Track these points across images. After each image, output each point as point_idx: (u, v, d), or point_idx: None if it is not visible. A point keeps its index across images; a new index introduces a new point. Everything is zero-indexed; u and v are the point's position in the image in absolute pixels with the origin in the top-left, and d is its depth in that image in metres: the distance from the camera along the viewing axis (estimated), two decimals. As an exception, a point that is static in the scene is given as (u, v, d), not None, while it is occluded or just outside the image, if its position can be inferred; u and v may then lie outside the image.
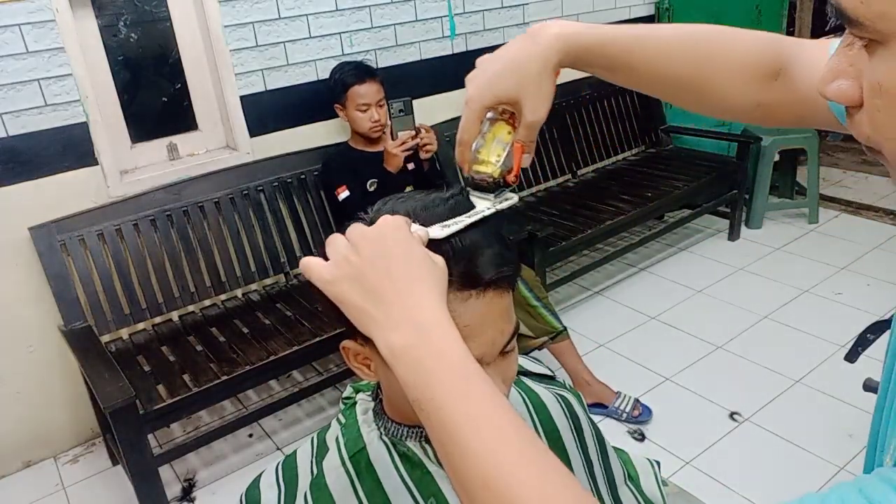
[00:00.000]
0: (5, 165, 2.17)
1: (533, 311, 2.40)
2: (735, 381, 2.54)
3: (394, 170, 2.41)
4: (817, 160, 3.58)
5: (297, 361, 2.36)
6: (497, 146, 0.73)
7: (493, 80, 0.71)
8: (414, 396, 0.53)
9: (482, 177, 0.72)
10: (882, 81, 0.43)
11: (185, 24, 2.50)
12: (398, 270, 0.56)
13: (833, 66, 0.48)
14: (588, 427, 0.90)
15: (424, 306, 0.55)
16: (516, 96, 0.70)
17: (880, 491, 0.41)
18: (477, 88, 0.71)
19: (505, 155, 0.73)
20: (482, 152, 0.73)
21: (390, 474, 0.75)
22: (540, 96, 0.71)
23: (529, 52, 0.70)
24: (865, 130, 0.47)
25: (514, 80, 0.70)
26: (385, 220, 0.59)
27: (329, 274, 0.58)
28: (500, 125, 0.74)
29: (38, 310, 2.31)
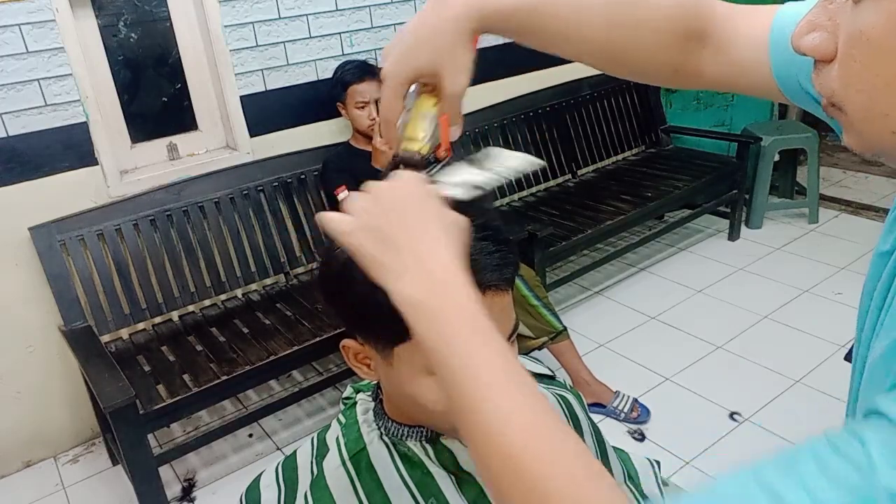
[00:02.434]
0: (5, 165, 2.17)
1: (533, 310, 2.40)
2: (735, 381, 2.54)
3: (382, 167, 2.40)
4: (817, 160, 3.58)
5: (297, 361, 2.36)
6: (423, 121, 0.69)
7: (407, 55, 0.68)
8: (426, 346, 0.53)
9: (410, 154, 0.68)
10: (864, 30, 0.43)
11: (185, 24, 2.50)
12: (414, 219, 0.56)
13: (811, 19, 0.48)
14: (588, 427, 0.90)
15: (440, 257, 0.54)
16: (433, 69, 0.68)
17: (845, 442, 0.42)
18: (393, 64, 0.69)
19: (432, 129, 0.69)
20: (408, 128, 0.70)
21: (391, 474, 0.75)
22: (457, 66, 0.68)
23: (439, 23, 0.67)
24: (832, 85, 0.47)
25: (427, 52, 0.67)
26: (402, 173, 0.59)
27: (346, 224, 0.57)
28: (424, 98, 0.70)
29: (38, 310, 2.31)
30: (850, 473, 0.40)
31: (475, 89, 3.36)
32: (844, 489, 0.40)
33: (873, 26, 0.42)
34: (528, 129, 3.30)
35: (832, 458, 0.42)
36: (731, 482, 0.45)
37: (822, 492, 0.40)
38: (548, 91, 3.36)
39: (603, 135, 3.58)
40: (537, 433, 0.49)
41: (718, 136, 3.71)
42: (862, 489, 0.40)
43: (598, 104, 3.56)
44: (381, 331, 0.68)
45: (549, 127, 3.36)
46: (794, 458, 0.43)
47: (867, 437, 0.41)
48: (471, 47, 0.69)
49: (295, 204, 2.68)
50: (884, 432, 0.41)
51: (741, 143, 3.46)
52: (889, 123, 0.45)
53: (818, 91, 0.49)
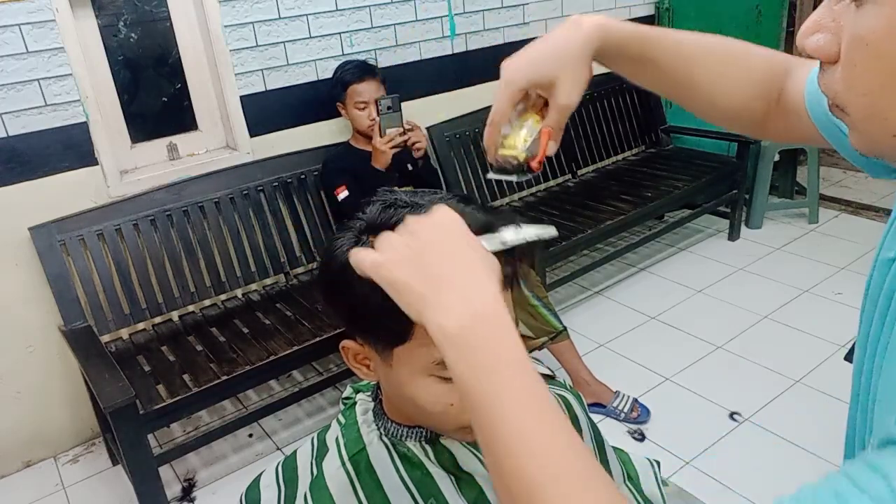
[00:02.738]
0: (5, 165, 2.17)
1: (533, 310, 2.40)
2: (735, 381, 2.54)
3: (382, 167, 2.41)
4: (817, 160, 3.58)
5: (297, 361, 2.36)
6: (524, 132, 0.74)
7: (532, 62, 0.72)
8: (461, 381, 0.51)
9: (507, 158, 0.72)
10: (865, 34, 0.43)
11: (185, 24, 2.50)
12: (461, 256, 0.55)
13: (815, 19, 0.48)
14: (587, 427, 0.90)
15: (486, 293, 0.53)
16: (553, 78, 0.72)
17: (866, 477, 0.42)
18: (514, 70, 0.73)
19: (531, 140, 0.73)
20: (509, 138, 0.74)
21: (390, 475, 0.75)
22: (576, 81, 0.72)
23: (571, 37, 0.72)
24: (836, 87, 0.47)
25: (553, 62, 0.72)
26: (442, 208, 0.58)
27: (381, 257, 0.56)
28: (529, 114, 0.75)
29: (38, 310, 2.31)
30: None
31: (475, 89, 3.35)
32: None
33: (873, 31, 0.43)
34: (528, 129, 3.29)
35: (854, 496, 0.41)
36: None
37: None
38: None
39: (603, 135, 3.58)
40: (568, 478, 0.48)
41: (718, 135, 3.70)
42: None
43: (598, 104, 3.56)
44: (380, 332, 0.68)
45: (549, 127, 3.35)
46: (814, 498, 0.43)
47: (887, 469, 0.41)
48: (590, 66, 0.74)
49: (295, 204, 2.68)
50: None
51: (741, 143, 3.46)
52: (889, 127, 0.45)
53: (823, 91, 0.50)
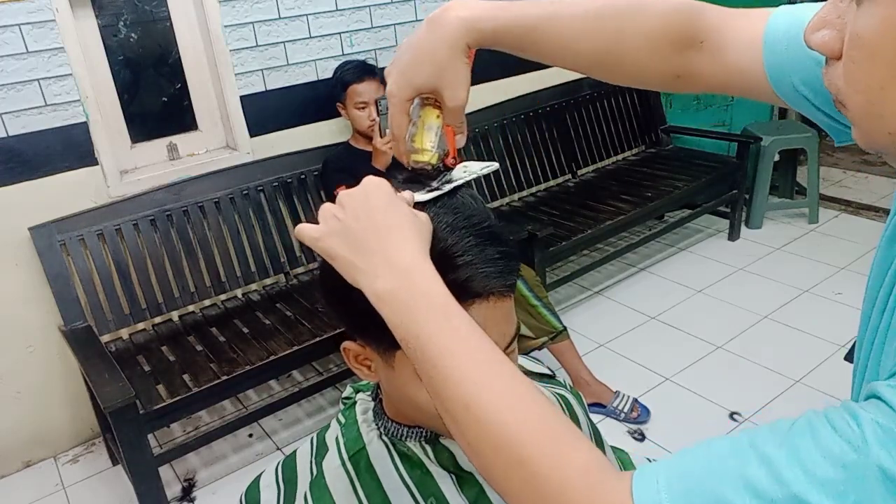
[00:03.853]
0: (5, 165, 2.17)
1: (533, 310, 2.40)
2: (735, 381, 2.54)
3: (382, 167, 2.41)
4: (817, 160, 3.58)
5: (297, 361, 2.36)
6: (429, 132, 0.73)
7: (406, 73, 0.71)
8: (400, 335, 0.56)
9: (420, 166, 0.73)
10: (861, 33, 0.44)
11: (185, 24, 2.50)
12: (380, 220, 0.59)
13: (822, 15, 0.49)
14: (587, 427, 0.90)
15: (406, 251, 0.57)
16: (433, 85, 0.71)
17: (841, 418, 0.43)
18: (394, 83, 0.72)
19: (438, 140, 0.73)
20: (416, 140, 0.73)
21: (390, 474, 0.75)
22: (456, 82, 0.71)
23: (434, 40, 0.70)
24: (838, 83, 0.48)
25: (426, 69, 0.70)
26: (368, 178, 0.62)
27: (317, 231, 0.61)
28: (428, 110, 0.74)
29: (38, 310, 2.31)
30: (843, 450, 0.42)
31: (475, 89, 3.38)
32: (837, 465, 0.41)
33: (869, 30, 0.43)
34: (528, 129, 3.30)
35: (827, 434, 0.43)
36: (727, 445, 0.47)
37: (815, 465, 0.42)
38: (548, 91, 3.36)
39: (603, 135, 3.58)
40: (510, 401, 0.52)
41: (718, 136, 3.71)
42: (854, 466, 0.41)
43: (598, 104, 3.56)
44: (382, 334, 0.68)
45: (549, 127, 3.36)
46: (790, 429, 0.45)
47: (862, 416, 0.43)
48: (467, 62, 0.71)
49: (295, 204, 2.68)
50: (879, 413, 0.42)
51: (741, 143, 3.46)
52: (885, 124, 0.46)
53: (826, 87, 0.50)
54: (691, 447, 0.48)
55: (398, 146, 0.74)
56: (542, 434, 0.50)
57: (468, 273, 0.64)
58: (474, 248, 0.64)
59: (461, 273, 0.63)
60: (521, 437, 0.50)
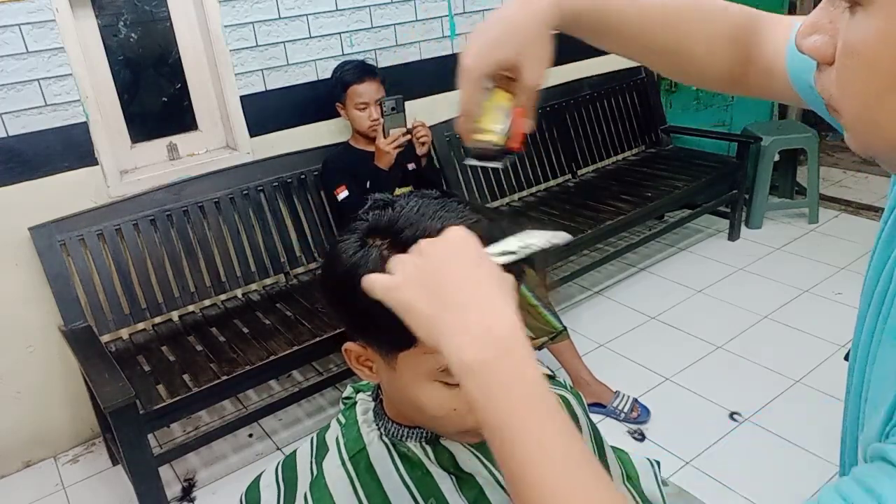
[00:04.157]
0: (5, 165, 2.17)
1: (533, 310, 2.40)
2: (735, 381, 2.54)
3: (385, 167, 2.41)
4: (817, 160, 3.58)
5: (297, 361, 2.36)
6: (497, 113, 0.71)
7: (491, 46, 0.69)
8: (484, 418, 0.50)
9: (484, 145, 0.70)
10: (855, 43, 0.44)
11: (185, 24, 2.50)
12: (473, 275, 0.53)
13: (813, 20, 0.49)
14: (587, 427, 0.90)
15: (506, 317, 0.51)
16: (515, 61, 0.69)
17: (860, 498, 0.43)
18: (474, 57, 0.69)
19: (506, 122, 0.71)
20: (482, 121, 0.71)
21: (390, 475, 0.75)
22: (539, 59, 0.70)
23: (525, 16, 0.69)
24: (831, 89, 0.48)
25: (512, 44, 0.69)
26: (453, 229, 0.57)
27: (393, 281, 0.54)
28: (498, 93, 0.72)
29: (38, 310, 2.31)
30: None
31: (475, 89, 3.35)
32: None
33: (864, 40, 0.43)
34: (528, 129, 3.29)
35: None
36: None
37: None
38: (548, 91, 3.35)
39: (603, 135, 3.58)
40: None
41: (718, 136, 3.71)
42: None
43: (598, 104, 3.55)
44: (385, 337, 0.68)
45: (549, 127, 3.36)
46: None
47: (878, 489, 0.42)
48: (551, 41, 0.70)
49: (295, 204, 2.68)
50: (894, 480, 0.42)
51: (741, 143, 3.46)
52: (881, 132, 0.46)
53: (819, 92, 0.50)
54: None
55: (465, 123, 0.71)
56: None
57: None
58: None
59: None
60: None
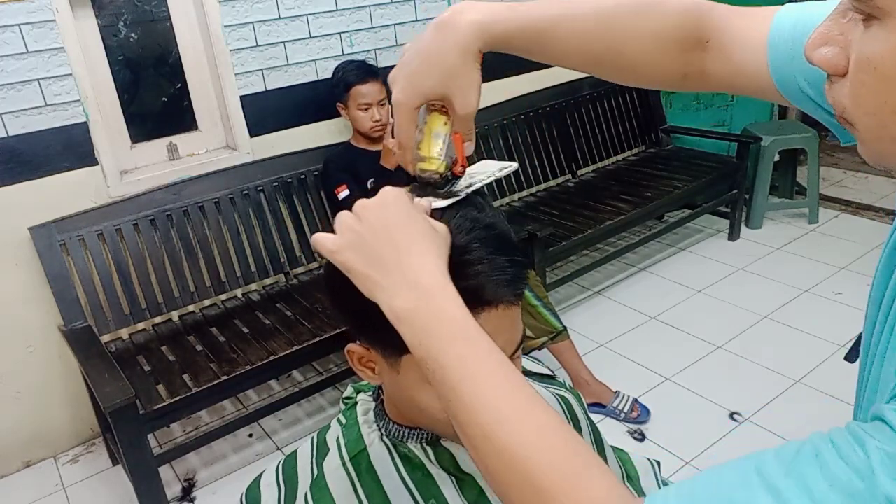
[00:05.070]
0: (5, 165, 2.17)
1: (533, 310, 2.40)
2: (735, 381, 2.54)
3: (391, 167, 2.41)
4: (817, 160, 3.58)
5: (297, 361, 2.36)
6: (436, 140, 0.71)
7: (414, 80, 0.68)
8: (419, 356, 0.55)
9: (429, 175, 0.70)
10: (872, 58, 0.43)
11: (185, 24, 2.50)
12: (398, 235, 0.58)
13: (823, 31, 0.48)
14: (586, 427, 0.90)
15: (425, 269, 0.57)
16: (443, 92, 0.68)
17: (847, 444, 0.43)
18: (401, 91, 0.69)
19: (446, 147, 0.70)
20: (422, 148, 0.71)
21: (391, 476, 0.75)
22: (467, 87, 0.68)
23: (446, 46, 0.67)
24: (844, 102, 0.47)
25: (435, 76, 0.67)
26: (386, 189, 0.61)
27: (334, 244, 0.60)
28: (435, 117, 0.71)
29: (38, 310, 2.31)
30: (851, 478, 0.41)
31: (475, 89, 3.36)
32: (845, 494, 0.41)
33: (881, 56, 0.42)
34: (528, 129, 3.30)
35: (834, 461, 0.43)
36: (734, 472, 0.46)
37: (823, 494, 0.41)
38: (548, 91, 3.36)
39: (603, 135, 3.58)
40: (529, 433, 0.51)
41: (718, 136, 3.71)
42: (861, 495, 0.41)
43: (598, 104, 3.56)
44: (387, 338, 0.67)
45: (549, 127, 3.36)
46: (797, 456, 0.45)
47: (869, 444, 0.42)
48: (477, 66, 0.69)
49: (295, 204, 2.68)
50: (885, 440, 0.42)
51: (741, 143, 3.46)
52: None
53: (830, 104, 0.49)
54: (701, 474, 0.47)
55: (405, 154, 0.72)
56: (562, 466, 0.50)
57: (479, 282, 0.63)
58: (485, 257, 0.64)
59: (472, 282, 0.63)
60: (540, 469, 0.50)
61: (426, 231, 0.59)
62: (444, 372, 0.54)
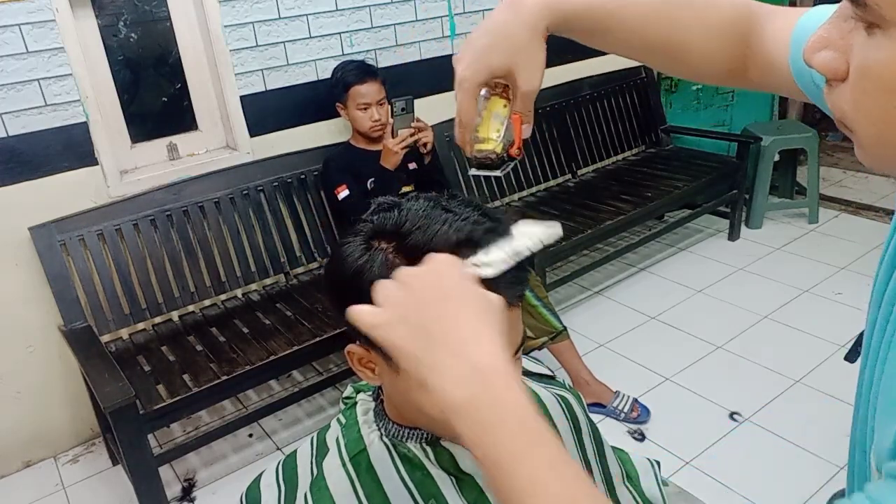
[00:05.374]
0: (5, 165, 2.17)
1: (533, 310, 2.40)
2: (735, 381, 2.54)
3: (391, 167, 2.41)
4: (817, 160, 3.58)
5: (297, 361, 2.36)
6: (495, 121, 0.72)
7: (483, 55, 0.69)
8: (478, 455, 0.50)
9: (485, 154, 0.71)
10: (874, 67, 0.43)
11: (185, 24, 2.50)
12: (454, 309, 0.52)
13: (823, 35, 0.47)
14: (586, 427, 0.90)
15: (484, 348, 0.51)
16: (509, 68, 0.69)
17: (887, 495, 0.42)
18: (468, 67, 0.69)
19: (504, 129, 0.71)
20: (481, 130, 0.71)
21: (391, 476, 0.75)
22: (533, 65, 0.69)
23: (515, 22, 0.68)
24: (844, 107, 0.47)
25: (504, 51, 0.68)
26: (436, 256, 0.56)
27: (376, 317, 0.54)
28: (495, 100, 0.72)
29: (38, 310, 2.31)
30: None
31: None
32: None
33: (884, 66, 0.42)
34: (528, 129, 3.29)
35: None
36: None
37: None
38: (548, 91, 3.36)
39: (603, 135, 3.58)
40: None
41: (718, 136, 3.71)
42: None
43: (598, 104, 3.55)
44: None
45: (549, 127, 3.36)
46: None
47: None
48: (544, 46, 0.70)
49: (295, 204, 2.68)
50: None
51: (741, 143, 3.46)
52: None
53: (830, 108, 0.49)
54: None
55: (464, 134, 0.72)
56: None
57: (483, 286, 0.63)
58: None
59: None
60: None
61: (482, 302, 0.53)
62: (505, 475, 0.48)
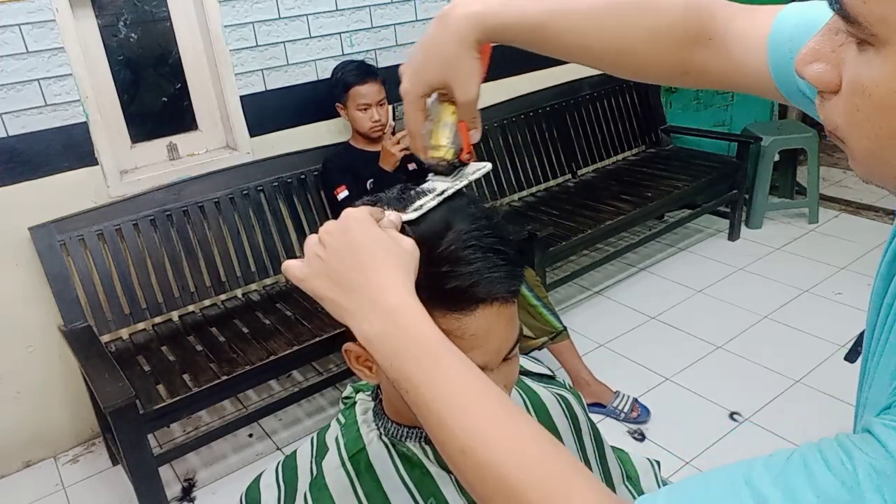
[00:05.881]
0: (5, 165, 2.17)
1: (533, 310, 2.40)
2: (735, 381, 2.54)
3: (390, 168, 2.41)
4: (817, 160, 3.58)
5: (297, 361, 2.36)
6: (444, 129, 0.75)
7: (419, 70, 0.72)
8: (392, 378, 0.56)
9: (437, 161, 0.75)
10: (866, 84, 0.43)
11: (185, 24, 2.50)
12: (362, 257, 0.58)
13: (814, 47, 0.47)
14: (586, 427, 0.90)
15: (390, 290, 0.57)
16: (443, 81, 0.72)
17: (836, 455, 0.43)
18: (408, 81, 0.73)
19: (453, 136, 0.74)
20: (433, 137, 0.75)
21: (390, 475, 0.75)
22: (466, 76, 0.71)
23: (444, 36, 0.71)
24: (836, 120, 0.47)
25: (437, 66, 0.71)
26: (348, 211, 0.61)
27: (302, 272, 0.61)
28: (445, 107, 0.75)
29: (38, 310, 2.31)
30: (838, 490, 0.41)
31: (475, 89, 3.37)
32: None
33: (876, 83, 0.42)
34: (528, 129, 3.30)
35: (822, 472, 0.42)
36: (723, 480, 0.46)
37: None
38: (548, 91, 3.36)
39: (603, 135, 3.58)
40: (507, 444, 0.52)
41: (718, 136, 3.71)
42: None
43: (598, 104, 3.56)
44: None
45: (549, 127, 3.36)
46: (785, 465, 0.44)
47: (857, 456, 0.42)
48: (476, 56, 0.71)
49: (295, 204, 2.68)
50: (873, 453, 0.42)
51: (741, 143, 3.46)
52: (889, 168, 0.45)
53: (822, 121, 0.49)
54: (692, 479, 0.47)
55: (415, 142, 0.76)
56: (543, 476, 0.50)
57: (473, 279, 0.63)
58: (479, 255, 0.64)
59: (465, 280, 0.63)
60: (521, 481, 0.50)
61: (390, 249, 0.59)
62: (416, 392, 0.54)
